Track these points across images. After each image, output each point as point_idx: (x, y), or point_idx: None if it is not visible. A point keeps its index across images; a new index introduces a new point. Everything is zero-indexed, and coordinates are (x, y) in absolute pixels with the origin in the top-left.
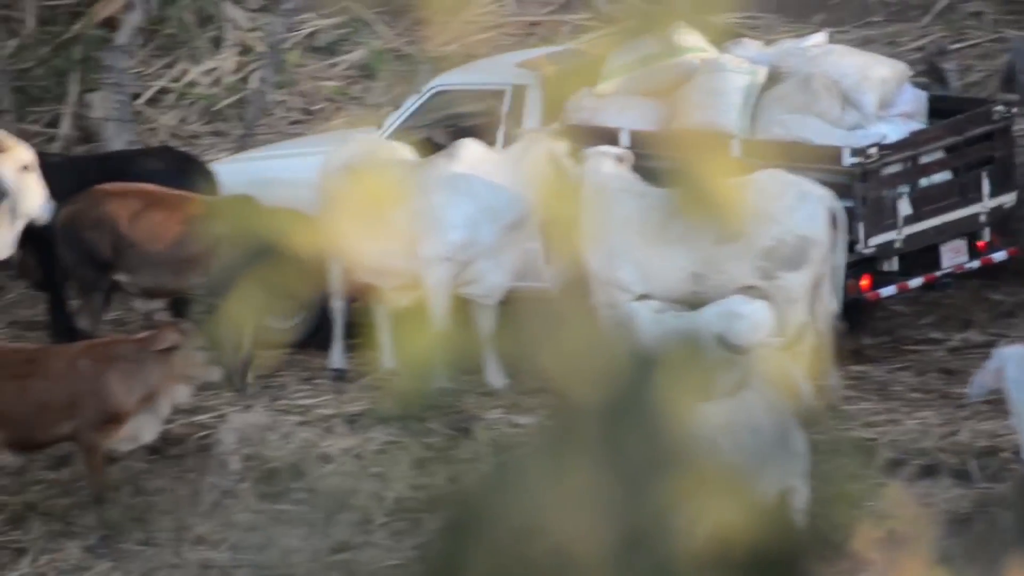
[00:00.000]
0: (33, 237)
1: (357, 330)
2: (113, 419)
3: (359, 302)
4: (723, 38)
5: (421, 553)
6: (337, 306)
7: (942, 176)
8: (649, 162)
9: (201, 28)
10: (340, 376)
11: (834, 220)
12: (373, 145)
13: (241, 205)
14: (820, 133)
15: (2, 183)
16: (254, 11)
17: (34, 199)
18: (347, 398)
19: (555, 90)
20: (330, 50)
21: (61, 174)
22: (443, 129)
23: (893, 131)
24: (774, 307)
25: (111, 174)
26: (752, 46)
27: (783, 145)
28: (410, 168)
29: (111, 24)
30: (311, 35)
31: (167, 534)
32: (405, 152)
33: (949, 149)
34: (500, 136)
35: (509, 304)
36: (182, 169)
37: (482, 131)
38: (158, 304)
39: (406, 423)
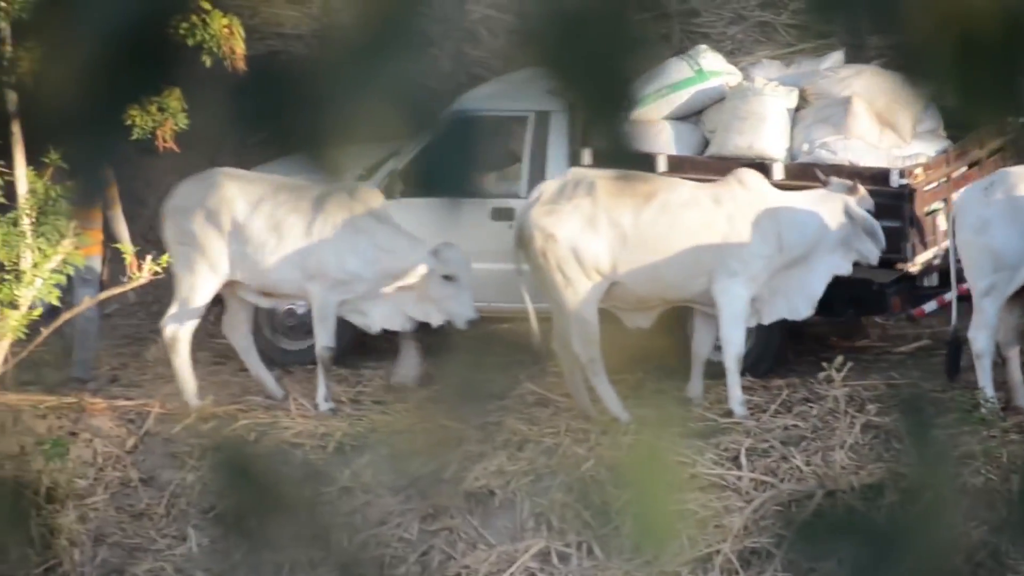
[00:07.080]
0: None
1: None
2: None
3: None
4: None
5: None
6: None
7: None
8: None
9: None
10: None
11: None
12: None
13: None
14: (863, 155)
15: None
16: None
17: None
18: None
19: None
20: None
21: None
22: None
23: (926, 148)
24: None
25: None
26: (774, 67)
27: (828, 168)
28: None
29: None
30: None
31: None
32: None
33: (971, 163)
34: (525, 166)
35: None
36: None
37: (504, 160)
38: None
39: None
